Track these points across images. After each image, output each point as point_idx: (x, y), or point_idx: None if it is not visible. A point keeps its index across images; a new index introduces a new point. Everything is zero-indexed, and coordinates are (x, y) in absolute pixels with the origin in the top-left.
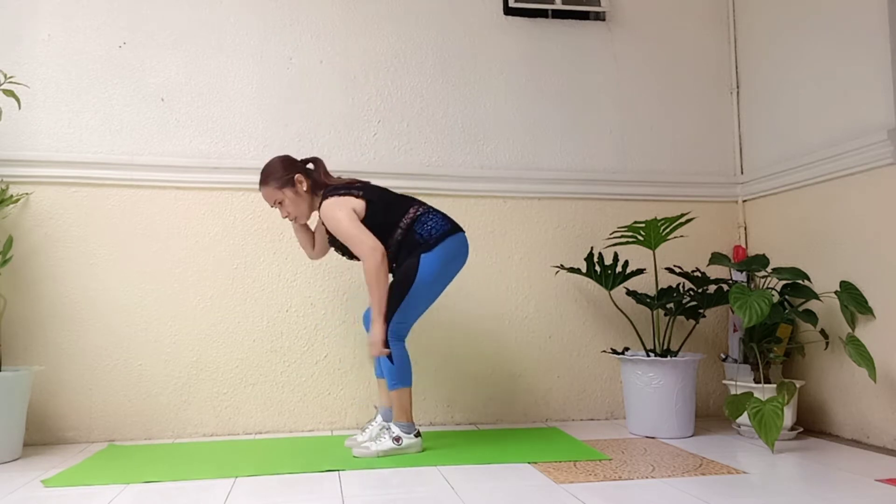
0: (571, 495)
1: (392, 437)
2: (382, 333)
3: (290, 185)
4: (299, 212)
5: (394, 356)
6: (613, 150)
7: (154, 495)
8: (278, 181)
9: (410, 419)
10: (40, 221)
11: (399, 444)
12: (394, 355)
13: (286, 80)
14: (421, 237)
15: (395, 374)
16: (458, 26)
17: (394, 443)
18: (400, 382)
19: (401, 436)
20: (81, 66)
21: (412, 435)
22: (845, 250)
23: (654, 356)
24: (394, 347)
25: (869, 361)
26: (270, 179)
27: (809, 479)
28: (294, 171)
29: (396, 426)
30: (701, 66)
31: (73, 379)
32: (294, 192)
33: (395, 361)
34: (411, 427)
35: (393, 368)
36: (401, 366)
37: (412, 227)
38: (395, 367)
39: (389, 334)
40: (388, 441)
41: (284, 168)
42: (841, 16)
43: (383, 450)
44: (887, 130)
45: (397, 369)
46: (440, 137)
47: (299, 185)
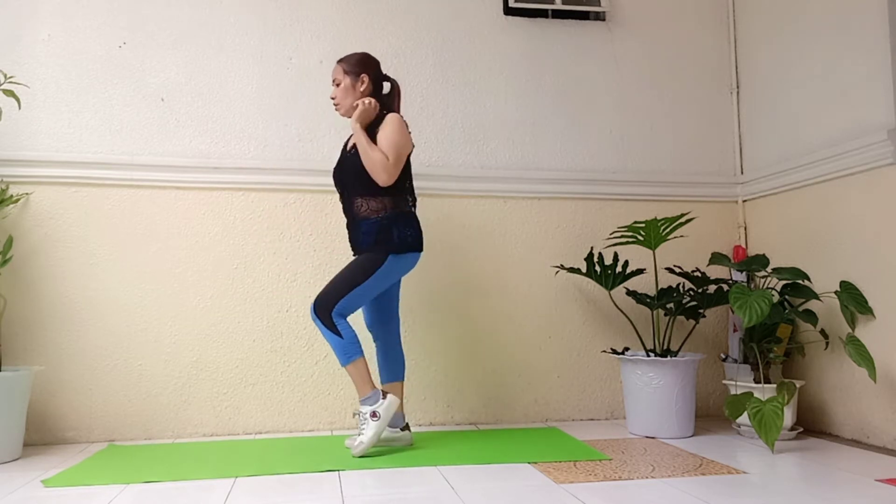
0: (571, 495)
1: (368, 416)
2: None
3: (354, 76)
4: (345, 102)
5: (341, 330)
6: (613, 150)
7: (154, 495)
8: (349, 65)
9: (373, 386)
10: (40, 221)
11: (378, 417)
12: (340, 329)
13: (286, 80)
14: (399, 238)
15: (346, 347)
16: (458, 26)
17: (372, 420)
18: (353, 354)
19: (375, 410)
20: (81, 66)
21: (380, 399)
22: (845, 250)
23: (654, 356)
24: (339, 323)
25: (869, 361)
26: (345, 61)
27: (809, 479)
28: (366, 70)
29: (364, 404)
30: (701, 66)
31: (73, 379)
32: (351, 84)
33: (344, 334)
34: (376, 393)
35: (343, 341)
36: (350, 336)
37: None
38: (345, 339)
39: (335, 313)
40: (369, 424)
41: (362, 63)
42: (841, 16)
43: (371, 435)
44: (887, 130)
45: (347, 341)
46: (440, 137)
47: (360, 83)
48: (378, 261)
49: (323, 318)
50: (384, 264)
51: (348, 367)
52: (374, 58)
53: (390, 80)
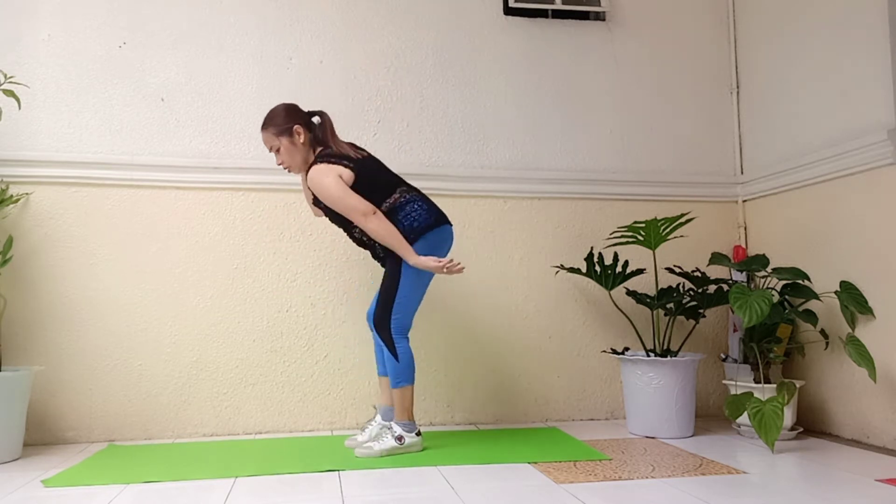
0: (571, 495)
1: (394, 436)
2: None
3: (288, 135)
4: (293, 162)
5: (398, 353)
6: (613, 150)
7: (154, 495)
8: (276, 128)
9: (412, 418)
10: (40, 221)
11: (401, 443)
12: (398, 353)
13: (286, 80)
14: (403, 229)
15: (399, 372)
16: (458, 26)
17: (396, 442)
18: (404, 380)
19: (403, 435)
20: (81, 66)
21: (413, 434)
22: (845, 250)
23: (654, 356)
24: (398, 345)
25: (869, 361)
26: (270, 125)
27: (809, 479)
28: (295, 121)
29: (399, 425)
30: (701, 66)
31: (73, 379)
32: (290, 142)
33: (400, 359)
34: (413, 426)
35: (398, 366)
36: (405, 363)
37: (395, 214)
38: (400, 364)
39: (392, 331)
40: (390, 440)
41: (286, 116)
42: (841, 16)
43: (386, 449)
44: (887, 130)
45: (402, 367)
46: (440, 137)
47: (296, 136)
48: (397, 260)
49: (383, 335)
50: (403, 262)
51: (394, 391)
52: (292, 105)
53: (317, 113)
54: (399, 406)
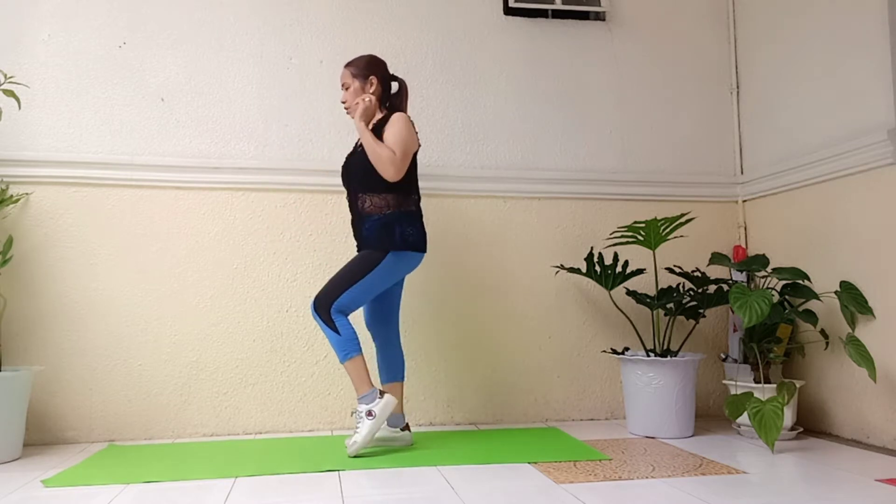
0: (571, 495)
1: (364, 415)
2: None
3: (362, 80)
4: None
5: (339, 327)
6: (613, 150)
7: (154, 495)
8: (357, 69)
9: (370, 384)
10: (40, 221)
11: (373, 416)
12: (339, 327)
13: (286, 80)
14: (400, 236)
15: (344, 344)
16: (458, 26)
17: (369, 419)
18: (352, 351)
19: (370, 409)
20: (81, 66)
21: (377, 399)
22: (845, 250)
23: (654, 356)
24: (337, 320)
25: (869, 361)
26: (353, 65)
27: (809, 479)
28: (375, 72)
29: (361, 402)
30: (701, 66)
31: (73, 379)
32: (361, 87)
33: (342, 331)
34: (373, 392)
35: (341, 339)
36: (348, 334)
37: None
38: (343, 336)
39: (334, 309)
40: (365, 423)
41: (370, 65)
42: (841, 16)
43: (366, 434)
44: (887, 130)
45: (346, 338)
46: (440, 137)
47: (369, 85)
48: (377, 258)
49: (322, 314)
50: (383, 261)
51: (346, 365)
52: (381, 59)
53: (398, 79)
54: (356, 378)
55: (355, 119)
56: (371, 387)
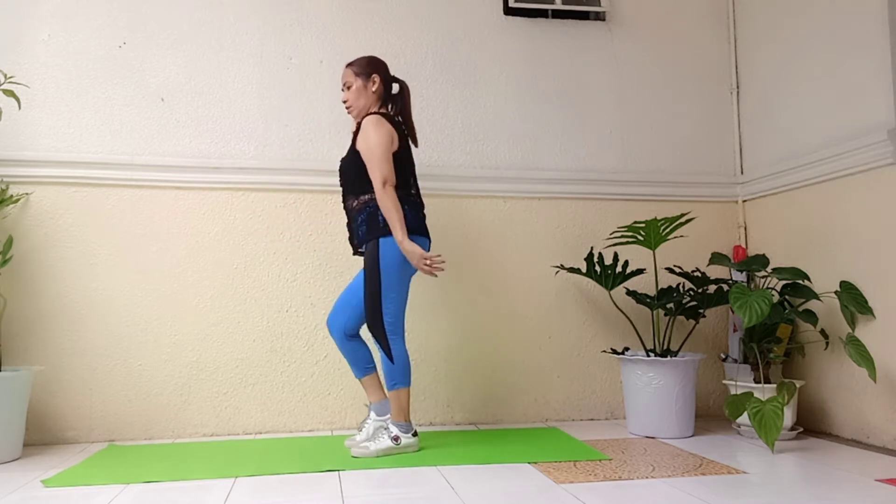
0: (571, 495)
1: (391, 436)
2: (413, 248)
3: (364, 78)
4: (356, 104)
5: (394, 355)
6: (613, 150)
7: (154, 495)
8: (359, 68)
9: (408, 419)
10: (40, 221)
11: (398, 443)
12: (394, 354)
13: (286, 80)
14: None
15: (394, 374)
16: (458, 26)
17: (392, 442)
18: (399, 382)
19: (399, 435)
20: (81, 66)
21: (410, 434)
22: (845, 250)
23: (654, 356)
24: (393, 345)
25: (869, 361)
26: (355, 63)
27: (809, 479)
28: (378, 71)
29: (395, 426)
30: (701, 66)
31: (73, 379)
32: (363, 85)
33: (395, 360)
34: (409, 427)
35: (393, 368)
36: (400, 364)
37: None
38: (396, 366)
39: (387, 331)
40: (386, 440)
41: (372, 64)
42: (841, 16)
43: (381, 449)
44: (887, 130)
45: (398, 368)
46: (440, 137)
47: (371, 84)
48: (374, 253)
49: (378, 336)
50: (381, 252)
51: (390, 393)
52: (382, 60)
53: (399, 81)
54: (396, 408)
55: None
56: (409, 420)
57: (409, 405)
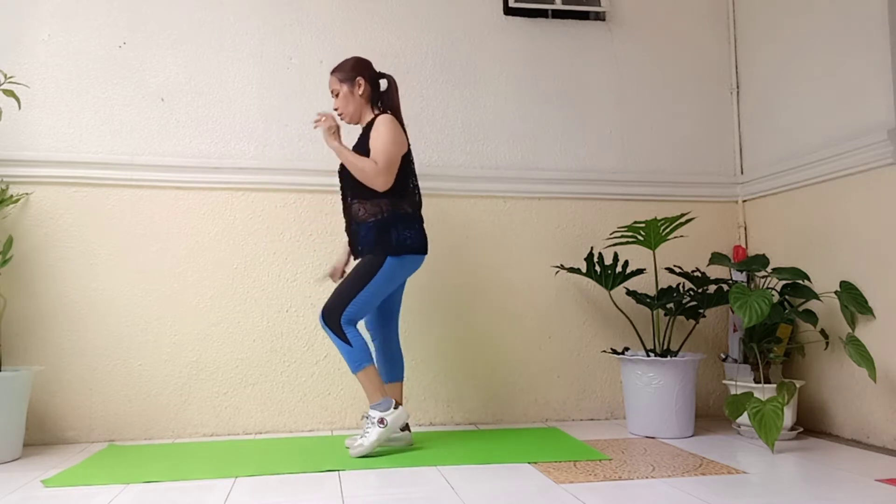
0: (571, 495)
1: (376, 421)
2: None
3: (350, 83)
4: (346, 110)
5: (350, 338)
6: (613, 150)
7: (154, 495)
8: (342, 73)
9: (384, 393)
10: (40, 221)
11: (385, 424)
12: (350, 339)
13: (286, 80)
14: (397, 240)
15: (355, 355)
16: (458, 26)
17: (380, 426)
18: (363, 361)
19: (383, 416)
20: (81, 66)
21: (392, 408)
22: (845, 250)
23: (654, 356)
24: (348, 331)
25: (869, 361)
26: (338, 70)
27: (809, 479)
28: (362, 72)
29: (375, 409)
30: (701, 66)
31: (73, 379)
32: (350, 91)
33: (353, 343)
34: (387, 401)
35: (353, 350)
36: (359, 345)
37: (395, 220)
38: (355, 347)
39: (343, 321)
40: (374, 429)
41: (356, 67)
42: (841, 16)
43: (374, 440)
44: (887, 130)
45: (357, 349)
46: (440, 137)
47: (357, 87)
48: (377, 264)
49: (332, 326)
50: (383, 267)
51: (359, 375)
52: (365, 59)
53: (386, 76)
54: (369, 388)
55: (327, 142)
56: (385, 395)
57: (379, 380)
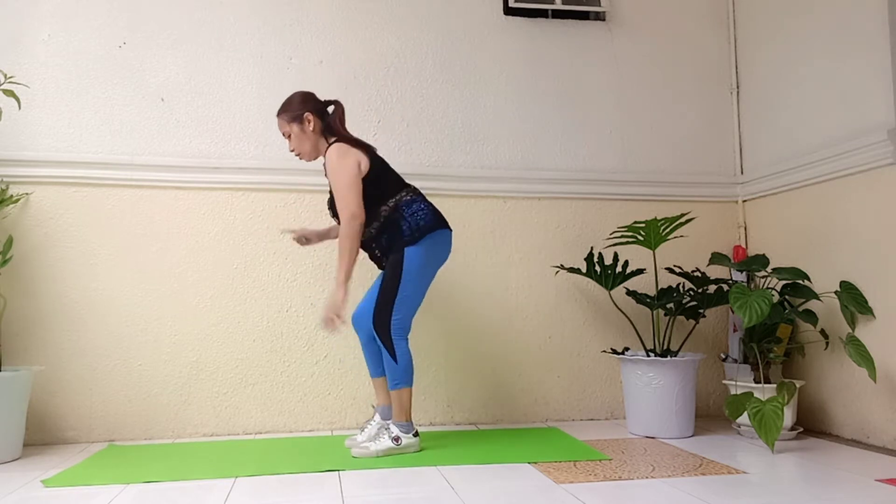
0: (571, 495)
1: (391, 436)
2: (342, 300)
3: (298, 122)
4: (303, 149)
5: (397, 355)
6: (613, 150)
7: (154, 495)
8: (289, 114)
9: (409, 419)
10: (40, 221)
11: (398, 443)
12: (397, 354)
13: (286, 80)
14: (408, 227)
15: (397, 373)
16: (458, 26)
17: (393, 442)
18: (402, 382)
19: (400, 436)
20: (81, 66)
21: (411, 434)
22: (845, 250)
23: (654, 356)
24: (397, 346)
25: (869, 361)
26: (284, 111)
27: (809, 479)
28: (307, 108)
29: (396, 426)
30: (701, 66)
31: (73, 379)
32: (301, 129)
33: (399, 360)
34: (410, 427)
35: (396, 368)
36: (404, 364)
37: (400, 210)
38: (399, 365)
39: (392, 332)
40: (386, 441)
41: (300, 103)
42: (841, 16)
43: (382, 449)
44: (887, 130)
45: (401, 369)
46: (440, 137)
47: (307, 124)
48: (399, 260)
49: (382, 336)
50: (405, 260)
51: (392, 392)
52: (307, 92)
53: (331, 102)
54: (397, 407)
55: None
56: (410, 420)
57: (410, 405)
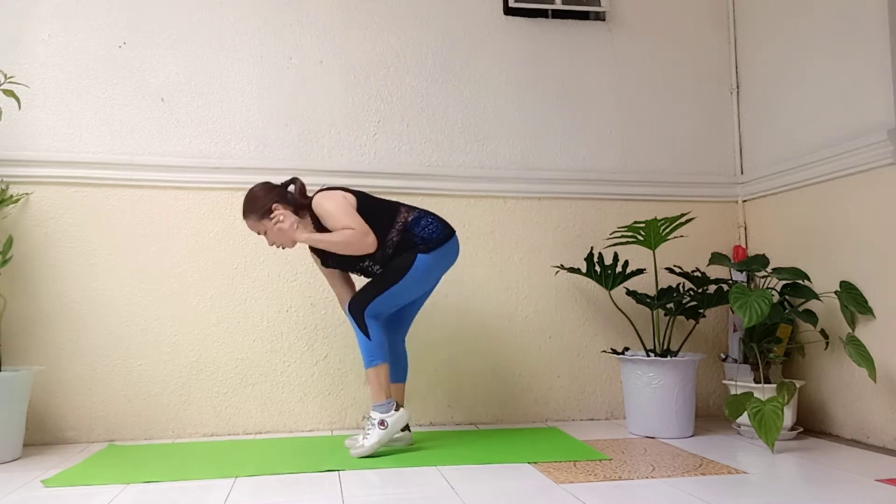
0: (571, 495)
1: (376, 423)
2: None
3: (268, 217)
4: (284, 240)
5: (370, 332)
6: (613, 150)
7: (154, 495)
8: (256, 214)
9: (389, 395)
10: (40, 221)
11: (385, 426)
12: (370, 331)
13: (286, 80)
14: (421, 238)
15: (373, 349)
16: (458, 26)
17: (380, 428)
18: (377, 357)
19: (384, 418)
20: (81, 66)
21: (392, 410)
22: (845, 250)
23: (654, 356)
24: (370, 325)
25: (869, 361)
26: (250, 213)
27: (809, 479)
28: (271, 199)
29: (376, 409)
30: (701, 66)
31: (73, 379)
32: (272, 225)
33: (372, 336)
34: (389, 403)
35: (370, 344)
36: (378, 340)
37: (410, 230)
38: (373, 341)
39: (367, 314)
40: (375, 431)
41: (263, 198)
42: (841, 16)
43: (375, 442)
44: (887, 130)
45: (375, 344)
46: (440, 137)
47: (278, 213)
48: (409, 261)
49: (356, 315)
50: (415, 264)
51: (369, 371)
52: (264, 184)
53: (291, 181)
54: (375, 386)
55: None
56: (389, 397)
57: (388, 380)
